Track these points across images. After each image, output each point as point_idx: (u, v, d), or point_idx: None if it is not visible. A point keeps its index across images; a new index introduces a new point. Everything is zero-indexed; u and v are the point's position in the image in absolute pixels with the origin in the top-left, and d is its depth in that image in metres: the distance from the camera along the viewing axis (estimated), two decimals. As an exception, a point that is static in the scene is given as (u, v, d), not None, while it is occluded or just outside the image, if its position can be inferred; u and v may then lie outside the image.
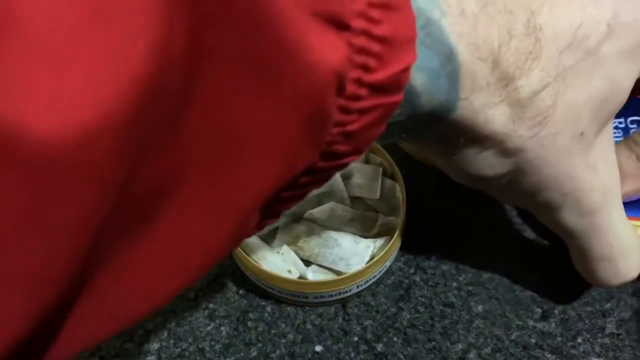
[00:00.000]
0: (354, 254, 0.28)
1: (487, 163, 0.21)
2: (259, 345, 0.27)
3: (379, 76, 0.15)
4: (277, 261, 0.28)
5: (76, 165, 0.10)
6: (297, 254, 0.28)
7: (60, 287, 0.11)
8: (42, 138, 0.09)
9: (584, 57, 0.20)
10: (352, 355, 0.27)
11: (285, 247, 0.28)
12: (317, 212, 0.29)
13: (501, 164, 0.21)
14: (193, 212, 0.13)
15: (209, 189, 0.13)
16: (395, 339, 0.27)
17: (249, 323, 0.28)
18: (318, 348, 0.27)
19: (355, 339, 0.27)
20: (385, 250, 0.27)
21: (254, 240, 0.28)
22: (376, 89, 0.15)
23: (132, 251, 0.13)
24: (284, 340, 0.27)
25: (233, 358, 0.27)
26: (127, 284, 0.13)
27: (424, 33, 0.17)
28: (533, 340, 0.27)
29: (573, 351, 0.27)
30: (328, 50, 0.13)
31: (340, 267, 0.27)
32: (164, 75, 0.11)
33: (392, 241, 0.27)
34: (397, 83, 0.16)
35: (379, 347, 0.27)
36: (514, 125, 0.20)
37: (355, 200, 0.30)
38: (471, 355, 0.27)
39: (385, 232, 0.29)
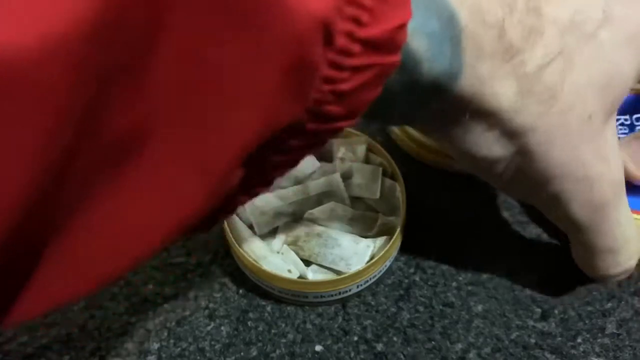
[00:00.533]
0: (354, 253, 0.28)
1: (493, 143, 0.21)
2: (259, 344, 0.27)
3: (372, 32, 0.15)
4: (277, 261, 0.28)
5: (32, 82, 0.09)
6: (297, 254, 0.28)
7: (15, 218, 0.10)
8: None
9: (585, 39, 0.20)
10: (352, 354, 0.27)
11: (285, 247, 0.28)
12: (317, 212, 0.29)
13: (508, 145, 0.21)
14: (169, 162, 0.13)
15: (186, 139, 0.13)
16: (395, 338, 0.27)
17: (249, 323, 0.28)
18: (318, 348, 0.27)
19: (355, 338, 0.27)
20: (385, 250, 0.27)
21: (254, 240, 0.28)
22: (370, 45, 0.15)
23: (106, 201, 0.13)
24: (284, 340, 0.27)
25: (233, 358, 0.27)
26: (102, 235, 0.13)
27: None
28: (533, 340, 0.27)
29: (573, 351, 0.27)
30: None
31: (340, 267, 0.27)
32: (127, 6, 0.10)
33: (392, 241, 0.27)
34: (392, 41, 0.15)
35: (379, 346, 0.27)
36: (522, 100, 0.19)
37: (355, 200, 0.30)
38: (471, 355, 0.27)
39: (385, 232, 0.29)
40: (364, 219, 0.29)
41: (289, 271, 0.27)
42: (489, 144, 0.21)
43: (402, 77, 0.18)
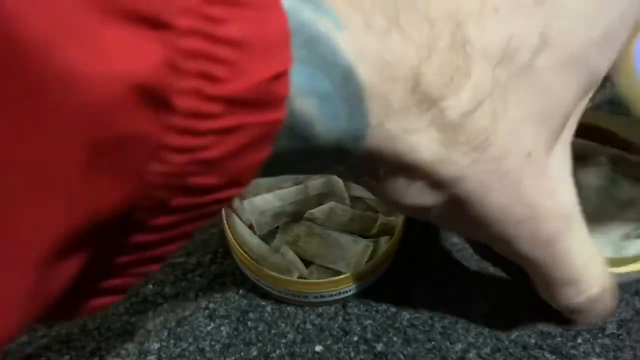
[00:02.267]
0: (354, 254, 0.28)
1: (421, 195, 0.19)
2: (259, 345, 0.27)
3: (235, 87, 0.13)
4: (277, 261, 0.28)
5: None
6: (297, 254, 0.28)
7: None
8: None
9: (519, 72, 0.18)
10: (352, 355, 0.27)
11: (285, 247, 0.28)
12: (317, 212, 0.29)
13: (437, 195, 0.19)
14: None
15: None
16: (395, 338, 0.27)
17: (249, 323, 0.28)
18: (318, 348, 0.27)
19: (355, 338, 0.27)
20: (385, 250, 0.27)
21: (253, 240, 0.28)
22: (236, 103, 0.13)
23: None
24: (284, 340, 0.27)
25: (233, 358, 0.27)
26: None
27: (306, 51, 0.15)
28: (533, 340, 0.27)
29: (573, 351, 0.27)
30: (118, 55, 0.11)
31: (340, 267, 0.27)
32: None
33: (392, 241, 0.27)
34: (268, 96, 0.13)
35: (379, 346, 0.27)
36: (447, 150, 0.17)
37: (355, 200, 0.30)
38: (471, 355, 0.27)
39: (385, 232, 0.29)
40: (364, 219, 0.29)
41: (289, 271, 0.27)
42: (413, 195, 0.19)
43: (293, 139, 0.15)
